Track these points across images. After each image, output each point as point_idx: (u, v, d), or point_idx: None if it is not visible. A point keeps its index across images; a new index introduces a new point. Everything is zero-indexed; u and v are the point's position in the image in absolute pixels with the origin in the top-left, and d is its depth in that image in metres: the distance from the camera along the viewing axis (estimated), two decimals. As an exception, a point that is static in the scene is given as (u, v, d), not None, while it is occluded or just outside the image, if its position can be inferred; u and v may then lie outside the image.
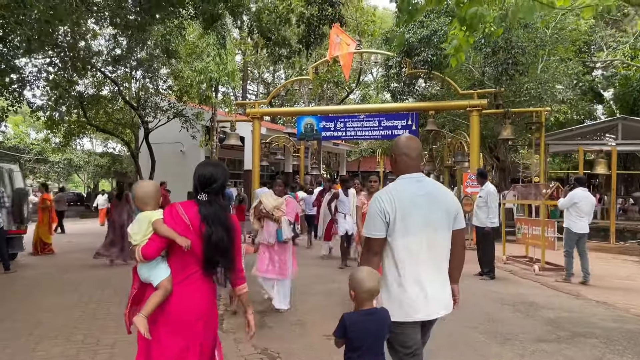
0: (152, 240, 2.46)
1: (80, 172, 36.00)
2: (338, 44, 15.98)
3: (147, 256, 2.43)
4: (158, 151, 18.36)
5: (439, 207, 2.55)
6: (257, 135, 16.42)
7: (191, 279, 2.48)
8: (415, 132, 14.87)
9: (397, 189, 2.57)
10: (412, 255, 2.48)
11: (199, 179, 2.59)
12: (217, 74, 16.02)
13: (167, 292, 2.44)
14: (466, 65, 16.38)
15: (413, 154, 2.64)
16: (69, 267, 9.29)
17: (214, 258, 2.49)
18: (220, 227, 2.50)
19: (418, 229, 2.48)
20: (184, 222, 2.47)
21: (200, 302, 2.49)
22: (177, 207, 2.53)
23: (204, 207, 2.52)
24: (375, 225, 2.51)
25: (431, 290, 2.48)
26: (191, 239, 2.44)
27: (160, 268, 2.49)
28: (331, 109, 17.74)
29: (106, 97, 17.15)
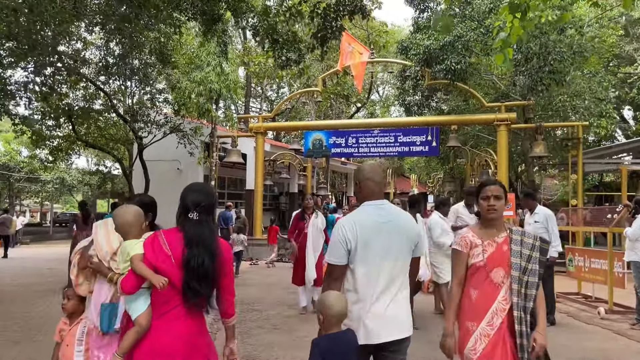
0: (131, 274, 2.36)
1: (74, 192, 34.83)
2: (350, 52, 14.89)
3: (125, 290, 2.35)
4: (153, 169, 17.10)
5: (401, 234, 2.62)
6: (260, 152, 15.18)
7: (172, 313, 2.35)
8: (436, 149, 13.61)
9: (360, 216, 2.64)
10: (372, 282, 2.55)
11: (190, 197, 2.47)
12: (218, 85, 14.88)
13: (143, 329, 2.33)
14: (488, 77, 15.20)
15: (377, 179, 2.71)
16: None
17: (194, 285, 2.32)
18: (203, 250, 2.36)
19: (379, 257, 2.55)
20: (165, 253, 2.35)
21: (178, 339, 2.33)
22: (160, 236, 2.42)
23: (191, 228, 2.40)
24: (336, 252, 2.57)
25: (390, 315, 2.55)
26: (171, 270, 2.32)
27: (138, 302, 2.37)
28: (342, 123, 16.52)
29: (98, 110, 15.93)
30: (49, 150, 16.21)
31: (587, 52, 12.41)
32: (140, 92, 16.72)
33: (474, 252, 2.67)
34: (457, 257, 2.74)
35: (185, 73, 16.24)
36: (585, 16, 13.66)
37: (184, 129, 16.54)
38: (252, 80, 27.24)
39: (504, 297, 2.59)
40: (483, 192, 2.72)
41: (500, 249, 2.66)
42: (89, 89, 16.15)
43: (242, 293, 8.73)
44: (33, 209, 51.28)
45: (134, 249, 2.40)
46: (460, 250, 2.72)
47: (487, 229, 2.73)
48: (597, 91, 13.83)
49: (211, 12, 10.01)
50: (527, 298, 2.58)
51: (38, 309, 7.51)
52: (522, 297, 2.57)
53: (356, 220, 2.59)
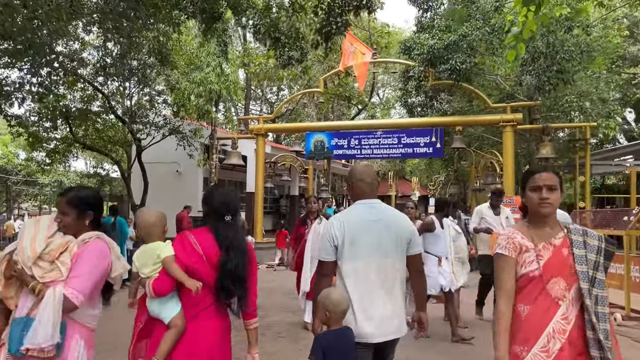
0: (165, 275, 2.36)
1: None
2: (352, 53, 14.65)
3: (159, 293, 2.35)
4: (152, 171, 16.84)
5: (391, 232, 2.62)
6: (261, 154, 14.94)
7: (204, 314, 2.39)
8: (440, 150, 13.37)
9: (350, 214, 2.69)
10: (360, 279, 2.55)
11: (222, 200, 2.52)
12: (218, 86, 14.65)
13: (181, 330, 2.34)
14: (493, 77, 14.98)
15: (368, 180, 2.73)
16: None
17: (228, 287, 2.40)
18: (239, 253, 2.43)
19: (367, 254, 2.56)
20: (197, 253, 2.38)
21: (214, 339, 2.40)
22: (190, 237, 2.44)
23: (225, 231, 2.45)
24: (324, 248, 2.62)
25: (378, 314, 2.54)
26: (204, 271, 2.37)
27: (171, 303, 2.39)
28: (344, 124, 16.28)
29: (95, 112, 15.67)
30: (46, 153, 15.95)
31: (595, 52, 12.17)
32: (139, 94, 16.47)
33: (524, 258, 2.11)
34: (503, 265, 2.15)
35: (185, 74, 16.01)
36: (591, 16, 13.46)
37: (183, 131, 16.30)
38: (252, 82, 27.03)
39: (564, 315, 2.05)
40: (532, 182, 2.16)
41: (559, 254, 2.09)
42: (86, 90, 15.91)
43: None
44: (32, 213, 51.07)
45: (164, 251, 2.39)
46: (507, 255, 2.14)
47: (538, 228, 2.16)
48: (603, 91, 13.62)
49: (211, 10, 9.79)
50: (600, 318, 2.03)
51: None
52: (595, 316, 2.03)
53: (344, 218, 2.65)
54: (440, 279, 5.69)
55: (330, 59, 18.18)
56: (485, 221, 6.58)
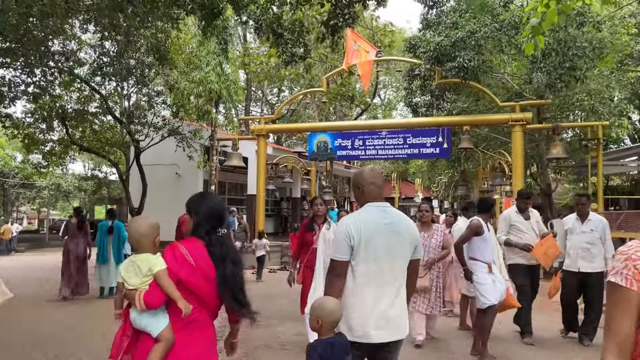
0: (157, 288, 2.29)
1: (71, 199, 34.17)
2: (356, 51, 14.31)
3: (151, 306, 2.28)
4: (151, 174, 16.50)
5: (402, 236, 2.69)
6: (262, 155, 14.59)
7: (192, 326, 2.34)
8: (447, 151, 13.01)
9: (364, 215, 2.70)
10: (372, 281, 2.60)
11: (214, 212, 2.46)
12: (218, 86, 14.31)
13: (170, 343, 2.29)
14: (500, 75, 14.63)
15: (379, 183, 2.79)
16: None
17: (238, 297, 2.41)
18: (237, 265, 2.43)
19: (380, 256, 2.61)
20: (190, 265, 2.32)
21: (203, 351, 2.36)
22: (180, 248, 2.36)
23: (221, 243, 2.42)
24: (340, 248, 2.63)
25: (387, 316, 2.59)
26: (197, 282, 2.32)
27: (160, 316, 2.32)
28: (348, 124, 15.92)
29: (93, 113, 15.32)
30: (42, 155, 15.59)
31: (607, 49, 11.82)
32: (137, 94, 16.12)
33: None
34: (618, 299, 1.42)
35: (184, 73, 15.68)
36: (600, 13, 13.13)
37: (182, 132, 15.95)
38: (252, 83, 26.69)
39: None
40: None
41: None
42: (83, 91, 15.57)
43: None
44: (30, 216, 50.61)
45: (157, 264, 2.32)
46: (625, 287, 1.40)
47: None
48: (614, 90, 13.26)
49: (211, 5, 9.45)
50: None
51: (22, 327, 6.87)
52: None
53: (360, 219, 2.66)
54: (498, 285, 5.09)
55: (332, 58, 17.85)
56: (515, 229, 5.84)
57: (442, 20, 12.76)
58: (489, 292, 4.97)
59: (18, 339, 6.07)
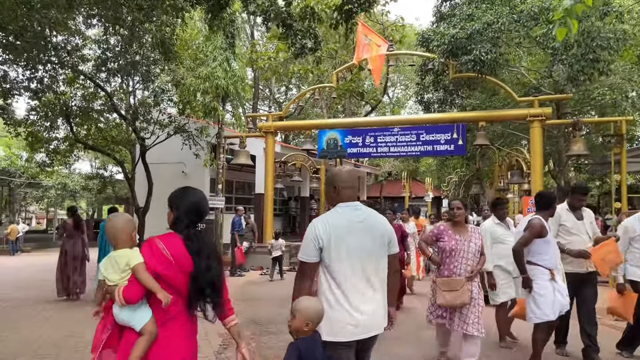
0: (134, 283, 2.33)
1: (77, 198, 34.03)
2: (367, 45, 13.91)
3: (130, 300, 2.31)
4: (156, 172, 16.16)
5: (374, 234, 2.74)
6: (270, 153, 14.23)
7: (175, 320, 2.39)
8: (462, 148, 12.57)
9: (335, 216, 2.74)
10: (346, 279, 2.63)
11: (194, 207, 2.48)
12: (225, 81, 13.94)
13: (153, 336, 2.33)
14: (516, 70, 14.17)
15: (355, 185, 2.91)
16: None
17: (205, 293, 2.41)
18: (212, 259, 2.44)
19: (352, 255, 2.65)
20: (167, 259, 2.35)
21: (185, 344, 2.40)
22: (157, 242, 2.38)
23: (197, 239, 2.43)
24: (307, 250, 2.67)
25: (363, 312, 2.63)
26: (175, 276, 2.36)
27: (141, 310, 2.35)
28: (359, 120, 15.52)
29: (97, 110, 15.00)
30: (46, 153, 15.29)
31: (632, 40, 11.32)
32: (143, 91, 15.81)
33: None
34: None
35: (190, 69, 15.33)
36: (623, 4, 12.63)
37: (189, 130, 15.60)
38: (260, 81, 26.35)
39: None
40: None
41: None
42: (88, 88, 15.27)
43: (252, 310, 7.74)
44: (39, 216, 50.67)
45: (134, 258, 2.35)
46: None
47: None
48: (636, 83, 12.75)
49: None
50: None
51: (20, 333, 6.53)
52: None
53: (329, 220, 2.70)
54: (558, 296, 4.37)
55: (341, 54, 17.45)
56: (565, 229, 5.02)
57: (457, 12, 12.33)
58: (546, 304, 4.30)
59: (12, 349, 5.73)
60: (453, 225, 4.79)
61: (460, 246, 4.61)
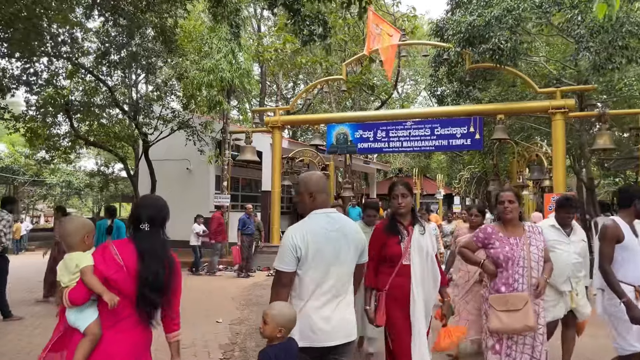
0: (81, 285, 2.37)
1: (83, 196, 33.79)
2: (378, 35, 13.32)
3: (74, 302, 2.35)
4: (160, 169, 15.76)
5: (348, 242, 2.71)
6: (277, 149, 13.70)
7: (123, 324, 2.39)
8: (479, 142, 11.97)
9: (311, 224, 2.68)
10: (319, 287, 2.61)
11: (142, 210, 2.53)
12: (230, 74, 13.44)
13: (96, 337, 2.35)
14: (535, 60, 13.52)
15: (327, 191, 2.84)
16: None
17: (146, 295, 2.38)
18: (157, 263, 2.43)
19: (327, 263, 2.62)
20: (117, 264, 2.38)
21: (131, 351, 2.39)
22: (111, 247, 2.45)
23: (143, 241, 2.46)
24: (285, 259, 2.61)
25: (336, 319, 2.62)
26: (124, 281, 2.37)
27: (88, 312, 2.38)
28: (370, 114, 14.97)
29: (99, 105, 14.56)
30: (46, 149, 14.88)
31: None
32: (146, 85, 15.37)
33: None
34: None
35: (194, 62, 14.85)
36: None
37: (193, 125, 15.14)
38: (266, 77, 25.83)
39: None
40: None
41: None
42: (89, 82, 14.83)
43: (258, 318, 7.20)
44: (47, 214, 50.62)
45: (83, 261, 2.39)
46: None
47: None
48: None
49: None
50: None
51: (8, 343, 6.07)
52: None
53: (307, 228, 2.66)
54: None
55: (351, 46, 16.88)
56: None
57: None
58: (632, 331, 3.39)
59: None
60: (504, 225, 3.59)
61: (518, 252, 3.46)
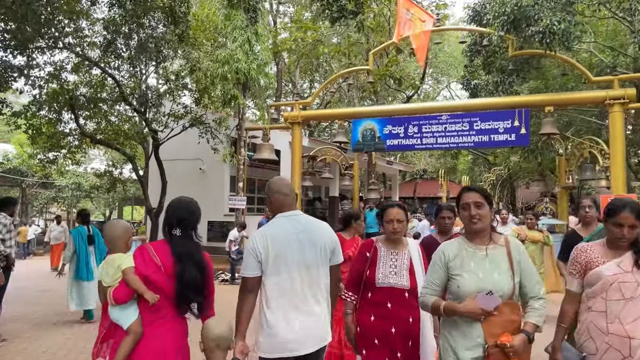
0: (124, 285, 2.61)
1: (93, 198, 33.19)
2: (409, 20, 12.21)
3: (118, 301, 2.59)
4: (172, 169, 14.83)
5: (314, 243, 2.70)
6: (297, 146, 12.62)
7: (162, 321, 2.60)
8: (526, 137, 10.77)
9: (272, 228, 2.72)
10: (284, 292, 2.61)
11: (174, 214, 2.72)
12: (247, 65, 12.49)
13: (138, 336, 2.56)
14: (585, 47, 12.34)
15: (286, 191, 2.81)
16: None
17: (186, 296, 2.60)
18: (192, 264, 2.62)
19: (291, 267, 2.62)
20: (155, 264, 2.60)
21: (171, 345, 2.59)
22: (149, 248, 2.66)
23: (177, 245, 2.65)
24: (248, 264, 2.66)
25: (303, 326, 2.59)
26: (162, 280, 2.58)
27: (129, 310, 2.61)
28: (400, 107, 13.91)
29: (104, 99, 13.65)
30: (50, 148, 13.99)
31: None
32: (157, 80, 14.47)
33: None
34: None
35: (207, 54, 13.91)
36: None
37: (206, 121, 14.19)
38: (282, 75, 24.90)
39: None
40: None
41: None
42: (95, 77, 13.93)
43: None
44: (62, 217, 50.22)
45: (125, 262, 2.66)
46: None
47: None
48: None
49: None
50: None
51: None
52: None
53: (267, 232, 2.70)
54: None
55: (375, 36, 15.82)
56: None
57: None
58: None
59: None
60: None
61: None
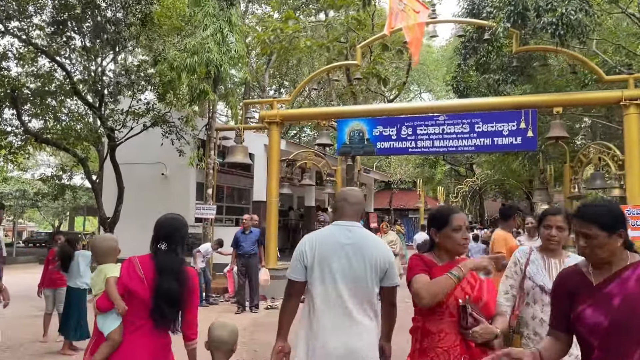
0: (106, 294, 2.80)
1: (41, 207, 30.89)
2: (401, 11, 11.25)
3: (101, 309, 2.78)
4: (129, 174, 13.29)
5: (363, 258, 2.58)
6: (275, 149, 11.41)
7: (141, 330, 2.69)
8: (533, 141, 9.91)
9: (324, 234, 2.72)
10: (323, 303, 2.54)
11: (160, 229, 2.83)
12: (219, 56, 11.22)
13: (116, 343, 2.68)
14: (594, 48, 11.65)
15: (353, 201, 2.75)
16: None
17: (160, 306, 2.66)
18: (172, 278, 2.70)
19: (335, 278, 2.55)
20: (139, 276, 2.70)
21: (147, 353, 2.66)
22: (135, 261, 2.78)
23: (160, 258, 2.76)
24: (294, 267, 2.64)
25: (334, 342, 2.50)
26: (143, 292, 2.67)
27: (111, 319, 2.74)
28: (392, 107, 12.88)
29: (53, 92, 12.08)
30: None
31: None
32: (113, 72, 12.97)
33: None
34: None
35: (173, 45, 12.54)
36: None
37: (171, 120, 12.78)
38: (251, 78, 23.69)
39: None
40: None
41: None
42: (42, 67, 12.35)
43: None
44: (7, 228, 47.48)
45: (111, 272, 2.86)
46: None
47: None
48: None
49: None
50: None
51: None
52: None
53: (318, 237, 2.68)
54: None
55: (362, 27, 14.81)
56: None
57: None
58: None
59: None
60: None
61: None
